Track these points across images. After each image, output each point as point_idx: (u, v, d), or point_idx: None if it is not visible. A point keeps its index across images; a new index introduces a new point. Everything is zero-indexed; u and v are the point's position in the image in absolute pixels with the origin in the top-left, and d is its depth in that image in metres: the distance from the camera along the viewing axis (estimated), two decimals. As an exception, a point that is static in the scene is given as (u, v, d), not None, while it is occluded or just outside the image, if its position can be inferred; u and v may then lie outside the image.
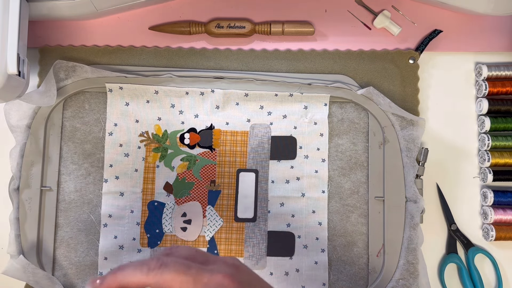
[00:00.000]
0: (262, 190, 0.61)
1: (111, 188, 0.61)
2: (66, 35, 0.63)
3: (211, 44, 0.64)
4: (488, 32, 0.64)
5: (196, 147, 0.61)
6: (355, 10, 0.64)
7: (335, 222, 0.61)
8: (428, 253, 0.61)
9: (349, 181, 0.61)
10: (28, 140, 0.60)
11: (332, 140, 0.62)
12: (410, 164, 0.60)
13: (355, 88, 0.61)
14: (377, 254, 0.60)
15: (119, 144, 0.61)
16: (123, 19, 0.64)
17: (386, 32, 0.64)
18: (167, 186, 0.61)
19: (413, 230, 0.59)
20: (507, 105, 0.61)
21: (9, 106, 0.59)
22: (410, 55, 0.62)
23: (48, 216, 0.60)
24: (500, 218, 0.60)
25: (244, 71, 0.62)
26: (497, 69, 0.61)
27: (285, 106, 0.62)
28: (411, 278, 0.59)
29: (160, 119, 0.61)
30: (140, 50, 0.63)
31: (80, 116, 0.62)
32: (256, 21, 0.63)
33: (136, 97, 0.61)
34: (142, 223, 0.61)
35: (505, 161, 0.60)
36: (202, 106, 0.61)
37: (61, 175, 0.61)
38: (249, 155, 0.62)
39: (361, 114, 0.62)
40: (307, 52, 0.63)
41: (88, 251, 0.60)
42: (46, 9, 0.57)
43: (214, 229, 0.61)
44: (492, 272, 0.61)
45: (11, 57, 0.50)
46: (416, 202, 0.59)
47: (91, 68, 0.60)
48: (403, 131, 0.60)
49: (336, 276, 0.60)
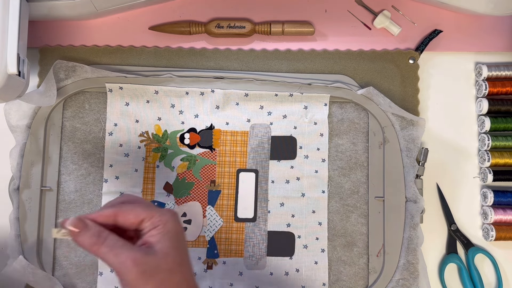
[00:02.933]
0: (262, 190, 0.61)
1: (111, 188, 0.61)
2: (66, 35, 0.63)
3: (211, 44, 0.64)
4: (488, 32, 0.64)
5: (196, 147, 0.61)
6: (355, 10, 0.64)
7: (335, 222, 0.61)
8: (428, 253, 0.61)
9: (349, 181, 0.61)
10: (28, 140, 0.60)
11: (332, 140, 0.62)
12: (410, 164, 0.60)
13: (355, 88, 0.61)
14: (377, 254, 0.60)
15: (119, 144, 0.61)
16: (123, 19, 0.64)
17: (386, 32, 0.64)
18: (167, 186, 0.61)
19: (413, 230, 0.59)
20: (507, 105, 0.61)
21: (9, 106, 0.59)
22: (410, 55, 0.62)
23: (48, 216, 0.60)
24: (500, 218, 0.60)
25: (244, 71, 0.62)
26: (497, 69, 0.61)
27: (285, 106, 0.62)
28: (411, 278, 0.59)
29: (160, 119, 0.61)
30: (140, 50, 0.63)
31: (80, 116, 0.62)
32: (256, 21, 0.63)
33: (136, 97, 0.61)
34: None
35: (505, 161, 0.60)
36: (202, 106, 0.61)
37: (61, 175, 0.61)
38: (249, 155, 0.62)
39: (361, 114, 0.62)
40: (307, 52, 0.63)
41: (87, 252, 0.60)
42: (46, 9, 0.57)
43: (214, 229, 0.61)
44: (492, 272, 0.61)
45: (11, 57, 0.50)
46: (416, 202, 0.59)
47: (91, 68, 0.60)
48: (403, 131, 0.60)
49: (336, 276, 0.60)
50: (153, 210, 0.41)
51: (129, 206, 0.42)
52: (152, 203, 0.47)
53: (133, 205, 0.42)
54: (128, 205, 0.42)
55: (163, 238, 0.40)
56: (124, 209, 0.41)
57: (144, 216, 0.41)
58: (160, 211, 0.42)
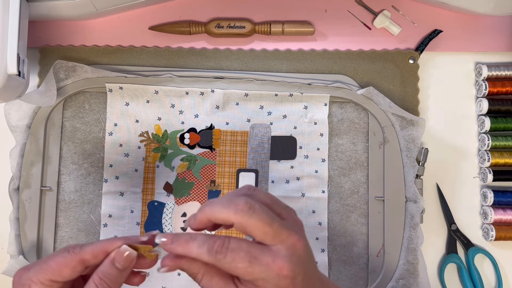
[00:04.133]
0: (262, 190, 0.61)
1: (111, 188, 0.61)
2: (66, 35, 0.63)
3: (211, 44, 0.64)
4: (488, 32, 0.64)
5: (196, 147, 0.61)
6: (355, 10, 0.64)
7: (335, 222, 0.61)
8: (428, 253, 0.61)
9: (349, 181, 0.61)
10: (28, 140, 0.60)
11: (332, 140, 0.62)
12: (410, 164, 0.60)
13: (355, 88, 0.61)
14: (377, 254, 0.60)
15: (119, 144, 0.61)
16: (123, 19, 0.64)
17: (386, 32, 0.64)
18: (167, 186, 0.61)
19: (413, 230, 0.59)
20: (507, 105, 0.61)
21: (9, 106, 0.59)
22: (410, 55, 0.62)
23: (48, 216, 0.60)
24: (500, 218, 0.60)
25: (244, 71, 0.62)
26: (497, 69, 0.61)
27: (285, 106, 0.62)
28: (411, 278, 0.59)
29: (160, 119, 0.61)
30: (140, 50, 0.63)
31: (80, 116, 0.62)
32: (256, 21, 0.63)
33: (136, 97, 0.61)
34: (142, 223, 0.61)
35: (505, 161, 0.60)
36: (202, 106, 0.61)
37: (61, 175, 0.61)
38: (249, 155, 0.62)
39: (361, 114, 0.62)
40: (307, 52, 0.63)
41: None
42: (46, 9, 0.57)
43: (214, 229, 0.61)
44: (492, 272, 0.61)
45: (11, 57, 0.50)
46: (416, 202, 0.59)
47: (91, 68, 0.60)
48: (403, 131, 0.60)
49: (336, 276, 0.60)
50: (277, 225, 0.35)
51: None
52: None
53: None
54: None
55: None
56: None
57: (267, 231, 0.34)
58: (288, 228, 0.35)
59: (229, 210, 0.34)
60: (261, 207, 0.35)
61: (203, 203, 0.36)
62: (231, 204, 0.34)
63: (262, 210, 0.34)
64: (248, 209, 0.34)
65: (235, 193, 0.37)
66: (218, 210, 0.35)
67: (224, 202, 0.35)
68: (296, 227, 0.37)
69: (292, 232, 0.35)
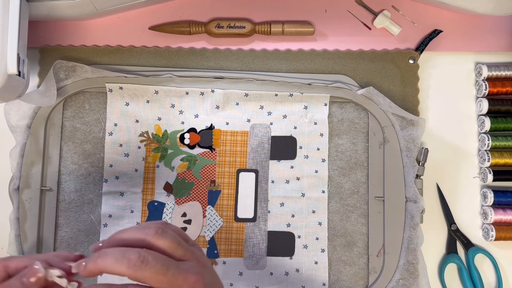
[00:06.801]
0: (262, 190, 0.61)
1: (111, 188, 0.61)
2: (66, 35, 0.63)
3: (211, 44, 0.64)
4: (488, 32, 0.64)
5: (196, 147, 0.61)
6: (355, 10, 0.64)
7: (335, 222, 0.61)
8: (428, 253, 0.61)
9: (349, 181, 0.61)
10: (28, 140, 0.60)
11: (332, 140, 0.62)
12: (410, 164, 0.60)
13: (355, 88, 0.61)
14: (377, 254, 0.60)
15: (119, 144, 0.61)
16: (123, 19, 0.64)
17: (386, 32, 0.64)
18: (167, 186, 0.61)
19: (413, 230, 0.59)
20: (507, 105, 0.61)
21: (9, 106, 0.59)
22: (410, 55, 0.62)
23: (48, 216, 0.60)
24: (500, 218, 0.60)
25: (244, 71, 0.62)
26: (497, 69, 0.61)
27: (285, 106, 0.62)
28: (411, 278, 0.59)
29: (160, 119, 0.61)
30: (140, 50, 0.63)
31: (80, 116, 0.62)
32: (256, 21, 0.63)
33: (136, 97, 0.61)
34: (142, 223, 0.60)
35: (505, 161, 0.60)
36: (202, 106, 0.61)
37: (61, 175, 0.61)
38: (249, 155, 0.62)
39: (361, 114, 0.62)
40: (307, 52, 0.63)
41: (88, 251, 0.60)
42: (46, 9, 0.57)
43: (214, 229, 0.61)
44: (492, 272, 0.61)
45: (11, 57, 0.50)
46: (416, 202, 0.59)
47: (91, 68, 0.60)
48: (403, 131, 0.60)
49: (336, 276, 0.60)
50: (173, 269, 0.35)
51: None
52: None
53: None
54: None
55: None
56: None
57: (161, 280, 0.35)
58: (185, 272, 0.36)
59: (121, 265, 0.34)
60: (155, 258, 0.35)
61: (96, 252, 0.36)
62: (124, 259, 0.34)
63: (156, 261, 0.35)
64: (141, 263, 0.34)
65: (139, 233, 0.37)
66: (111, 264, 0.34)
67: (117, 256, 0.35)
68: (197, 268, 0.37)
69: (190, 274, 0.36)
